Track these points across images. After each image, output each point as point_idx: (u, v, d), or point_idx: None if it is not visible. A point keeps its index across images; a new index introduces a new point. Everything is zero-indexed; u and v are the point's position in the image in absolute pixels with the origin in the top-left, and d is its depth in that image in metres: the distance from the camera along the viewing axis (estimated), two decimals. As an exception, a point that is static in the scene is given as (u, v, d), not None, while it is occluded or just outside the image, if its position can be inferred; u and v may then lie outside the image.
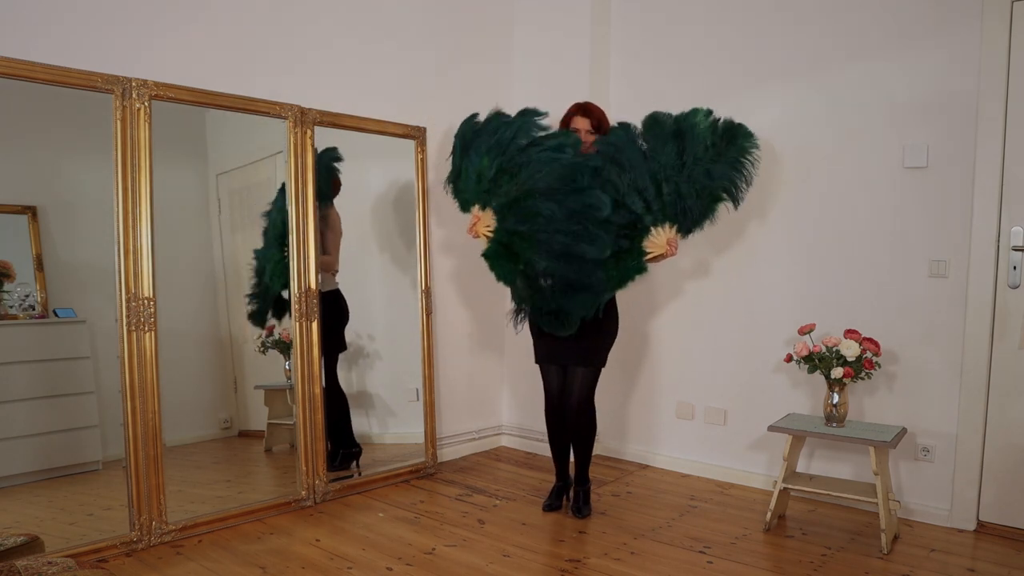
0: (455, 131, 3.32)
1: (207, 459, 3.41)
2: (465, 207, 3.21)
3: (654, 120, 3.02)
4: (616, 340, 3.26)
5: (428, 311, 3.82)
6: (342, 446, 3.58)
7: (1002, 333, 2.98)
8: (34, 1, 2.62)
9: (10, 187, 2.78)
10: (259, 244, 3.45)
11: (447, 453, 4.04)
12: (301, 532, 3.00)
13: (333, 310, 3.53)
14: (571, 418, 3.17)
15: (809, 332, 3.12)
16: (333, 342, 3.55)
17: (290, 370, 3.31)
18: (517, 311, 3.23)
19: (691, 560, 2.75)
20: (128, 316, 2.75)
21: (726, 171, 2.93)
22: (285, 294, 3.30)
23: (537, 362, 3.25)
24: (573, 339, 3.09)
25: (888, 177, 3.21)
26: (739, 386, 3.67)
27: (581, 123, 3.14)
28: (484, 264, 3.17)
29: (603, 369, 3.21)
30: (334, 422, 3.53)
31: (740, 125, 2.98)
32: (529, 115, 3.17)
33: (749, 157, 2.97)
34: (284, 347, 3.35)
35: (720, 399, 3.74)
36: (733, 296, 3.67)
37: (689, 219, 2.94)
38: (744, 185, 2.96)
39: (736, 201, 2.97)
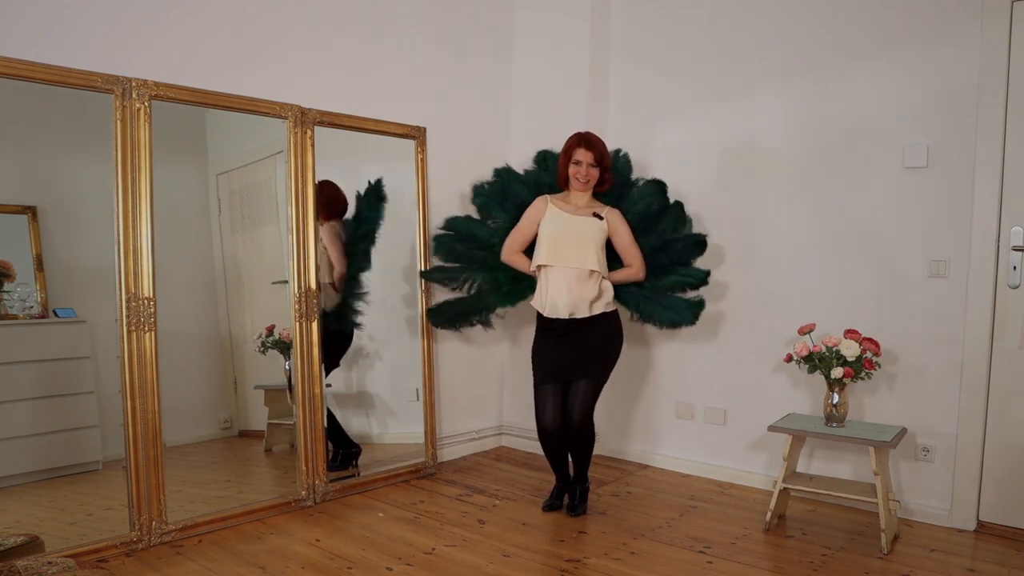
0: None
1: (207, 459, 3.41)
2: None
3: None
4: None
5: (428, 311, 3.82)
6: (341, 447, 3.59)
7: (1002, 333, 2.98)
8: (34, 1, 2.62)
9: (10, 187, 2.78)
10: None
11: (447, 453, 4.04)
12: (301, 532, 3.00)
13: (339, 328, 3.55)
14: (572, 434, 3.17)
15: (809, 332, 3.12)
16: (329, 362, 3.55)
17: (290, 370, 3.31)
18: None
19: (691, 560, 2.75)
20: (128, 316, 2.75)
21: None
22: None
23: (538, 383, 3.22)
24: (580, 351, 3.12)
25: (888, 177, 3.21)
26: (739, 386, 3.67)
27: (584, 156, 3.15)
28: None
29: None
30: (328, 431, 3.52)
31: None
32: None
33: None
34: (284, 347, 3.35)
35: (720, 399, 3.74)
36: (733, 296, 3.67)
37: None
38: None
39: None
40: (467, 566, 2.69)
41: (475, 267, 3.59)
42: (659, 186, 3.42)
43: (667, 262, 3.37)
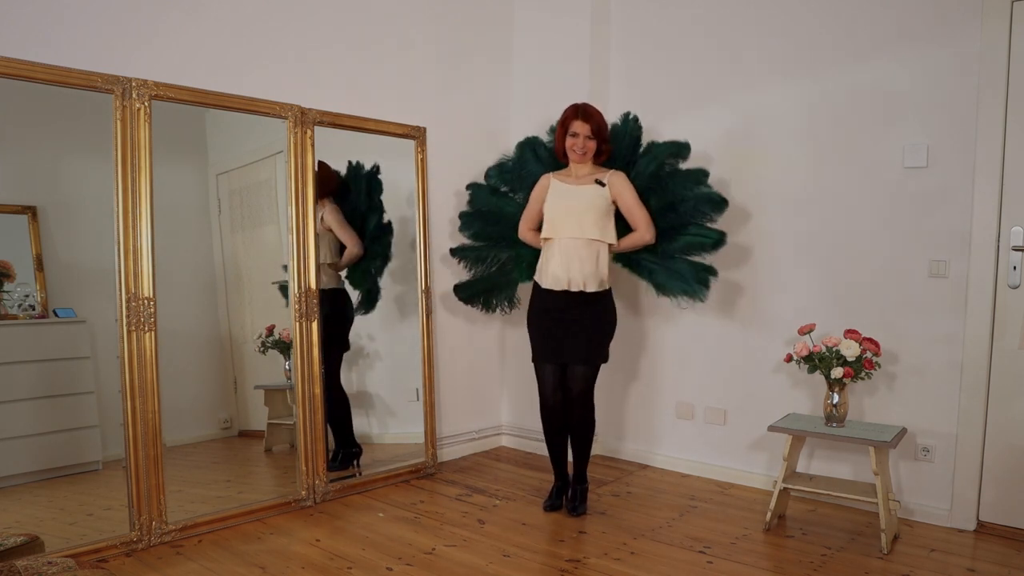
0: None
1: (207, 459, 3.41)
2: None
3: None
4: (617, 340, 3.27)
5: (428, 311, 3.82)
6: (343, 446, 3.59)
7: (1002, 333, 2.98)
8: (34, 1, 2.62)
9: (10, 187, 2.78)
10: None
11: (447, 453, 4.04)
12: (301, 532, 3.00)
13: (339, 308, 3.54)
14: (572, 416, 3.19)
15: (809, 332, 3.12)
16: (337, 341, 3.55)
17: (290, 370, 3.31)
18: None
19: (691, 560, 2.75)
20: (128, 316, 2.75)
21: None
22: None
23: (535, 360, 3.25)
24: (573, 333, 3.12)
25: (888, 177, 3.21)
26: (739, 386, 3.67)
27: (581, 128, 3.14)
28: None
29: (605, 365, 3.24)
30: (337, 422, 3.53)
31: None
32: None
33: None
34: (284, 347, 3.35)
35: (720, 399, 3.74)
36: (733, 295, 3.67)
37: None
38: None
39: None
40: (467, 566, 2.69)
41: (502, 245, 3.64)
42: (675, 146, 3.36)
43: (678, 223, 3.30)
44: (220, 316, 3.44)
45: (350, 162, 3.62)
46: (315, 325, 3.29)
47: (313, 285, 3.27)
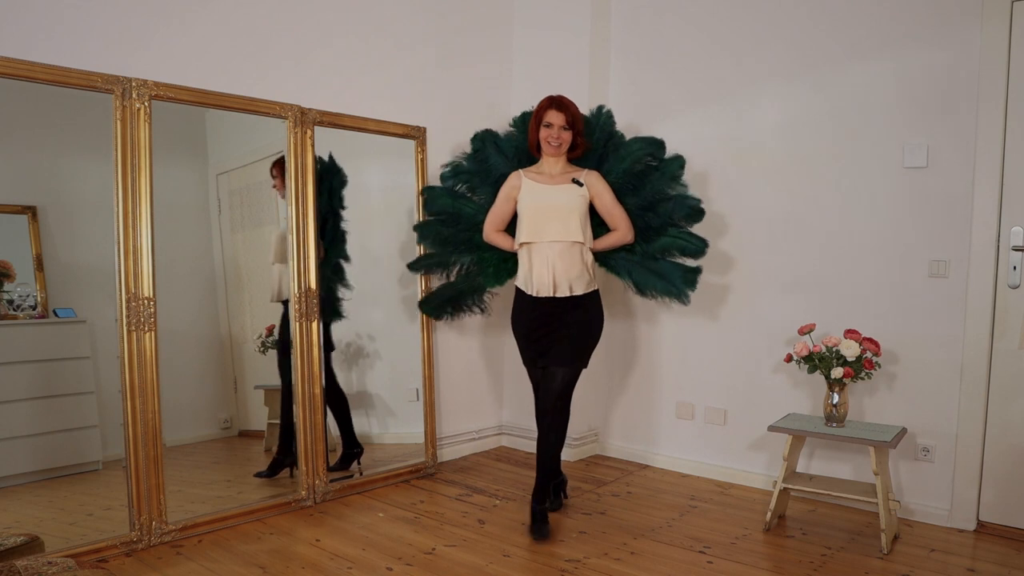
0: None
1: (207, 459, 3.41)
2: None
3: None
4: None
5: (428, 311, 3.82)
6: (344, 446, 3.59)
7: (1002, 333, 2.98)
8: (34, 1, 2.62)
9: (10, 187, 2.78)
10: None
11: (447, 453, 4.04)
12: (301, 532, 3.00)
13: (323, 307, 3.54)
14: (547, 415, 3.06)
15: (809, 332, 3.12)
16: (323, 340, 3.52)
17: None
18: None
19: (691, 560, 2.75)
20: (128, 316, 2.75)
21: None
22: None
23: (525, 364, 3.22)
24: (559, 338, 3.04)
25: (888, 177, 3.21)
26: (739, 386, 3.67)
27: (556, 118, 3.07)
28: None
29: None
30: (338, 420, 3.53)
31: None
32: None
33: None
34: (284, 347, 3.34)
35: (720, 399, 3.74)
36: (733, 296, 3.67)
37: None
38: None
39: None
40: (467, 566, 2.69)
41: (462, 249, 3.49)
42: (651, 143, 3.28)
43: (658, 223, 3.24)
44: (220, 316, 3.44)
45: (322, 160, 3.53)
46: (315, 325, 3.29)
47: (313, 285, 3.28)
